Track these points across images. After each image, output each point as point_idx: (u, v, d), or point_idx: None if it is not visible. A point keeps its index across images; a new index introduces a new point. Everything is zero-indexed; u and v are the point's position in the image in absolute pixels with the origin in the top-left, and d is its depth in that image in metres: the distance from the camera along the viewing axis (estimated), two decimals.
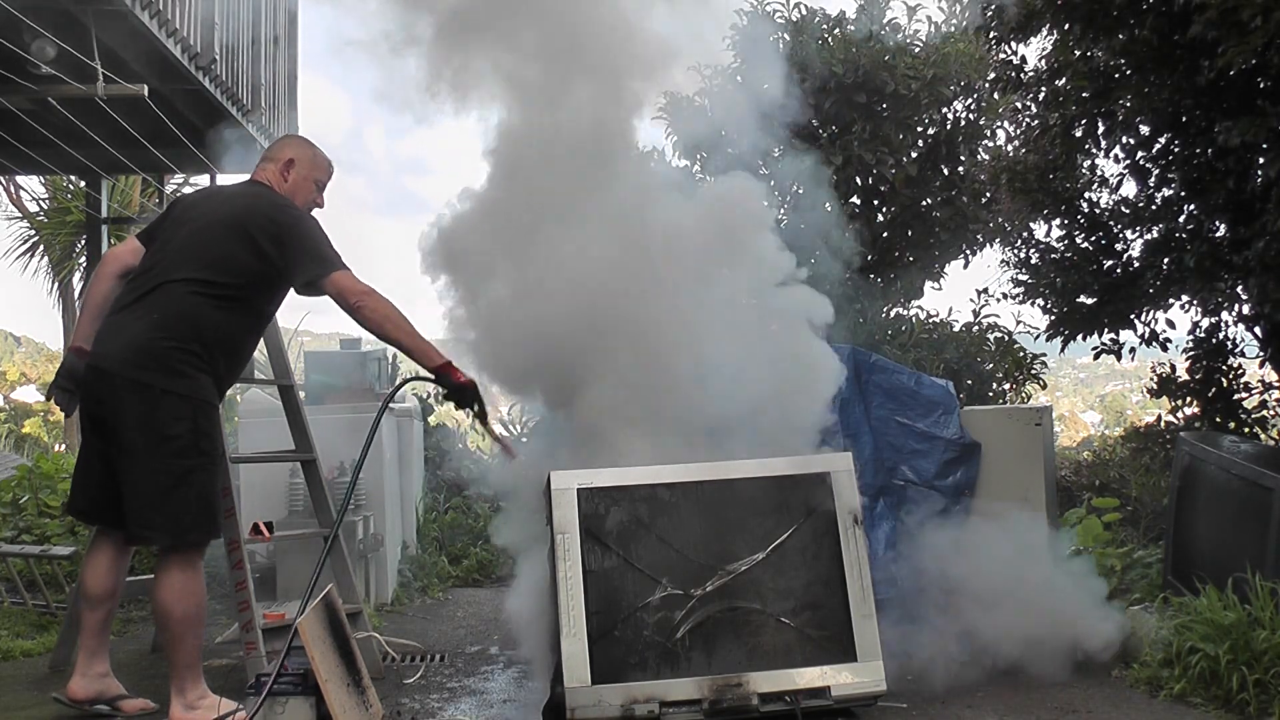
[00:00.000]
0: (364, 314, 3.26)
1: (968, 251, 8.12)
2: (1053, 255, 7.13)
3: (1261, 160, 5.17)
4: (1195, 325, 6.71)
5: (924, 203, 7.81)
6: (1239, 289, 6.02)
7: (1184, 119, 5.80)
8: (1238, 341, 6.56)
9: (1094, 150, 6.58)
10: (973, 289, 8.07)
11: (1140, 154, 6.33)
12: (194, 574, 3.23)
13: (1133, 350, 6.95)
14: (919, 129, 7.72)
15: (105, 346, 3.23)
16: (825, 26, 7.63)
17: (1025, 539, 4.12)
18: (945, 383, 4.82)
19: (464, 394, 3.35)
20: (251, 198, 3.46)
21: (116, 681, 3.40)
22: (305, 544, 4.79)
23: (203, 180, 10.55)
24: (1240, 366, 6.57)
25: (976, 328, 7.91)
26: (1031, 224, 7.28)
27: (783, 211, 6.62)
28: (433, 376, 3.37)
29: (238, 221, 3.31)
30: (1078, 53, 6.12)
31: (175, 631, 3.20)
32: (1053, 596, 3.91)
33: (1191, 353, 6.68)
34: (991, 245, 8.03)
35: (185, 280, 3.23)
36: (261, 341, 4.05)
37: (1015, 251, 7.57)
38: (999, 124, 7.80)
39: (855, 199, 7.74)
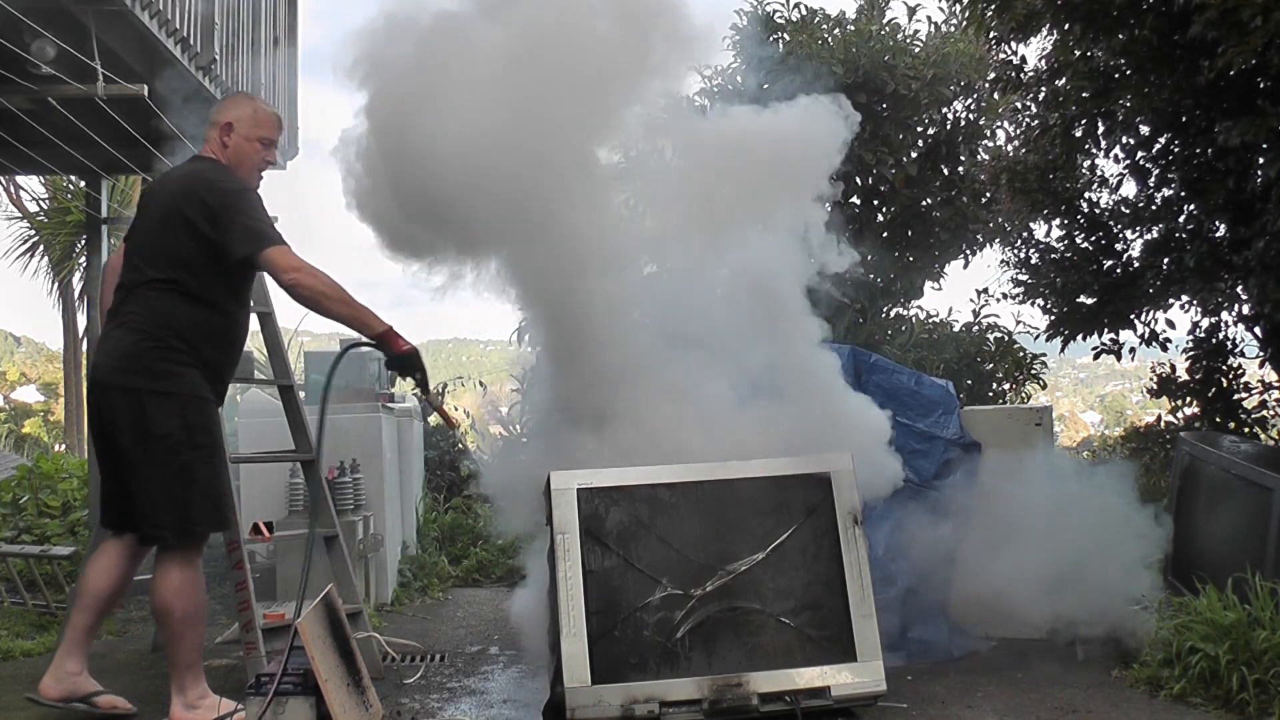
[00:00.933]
0: (298, 291, 3.19)
1: (968, 251, 8.13)
2: (1053, 255, 7.14)
3: (1261, 160, 5.18)
4: (1195, 325, 6.73)
5: (924, 203, 7.81)
6: (1239, 289, 6.03)
7: (1184, 119, 5.81)
8: (1238, 341, 6.58)
9: (1094, 150, 6.59)
10: (973, 289, 8.08)
11: (1140, 154, 6.34)
12: (193, 572, 3.24)
13: (1133, 350, 6.96)
14: (919, 129, 7.73)
15: (97, 358, 3.29)
16: (825, 26, 7.64)
17: None
18: (945, 383, 4.82)
19: (405, 362, 3.28)
20: (186, 182, 3.37)
21: (89, 679, 3.35)
22: (305, 544, 4.78)
23: None
24: (1240, 366, 6.58)
25: (976, 328, 7.91)
26: (1031, 224, 7.29)
27: None
28: (374, 343, 3.32)
29: (177, 212, 3.25)
30: (1078, 53, 6.12)
31: (175, 630, 3.20)
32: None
33: (1191, 353, 6.70)
34: (991, 245, 8.04)
35: (152, 281, 3.23)
36: (262, 342, 4.04)
37: (1015, 251, 7.58)
38: (999, 124, 7.81)
39: (855, 199, 7.74)
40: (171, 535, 3.20)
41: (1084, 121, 6.32)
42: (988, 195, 7.60)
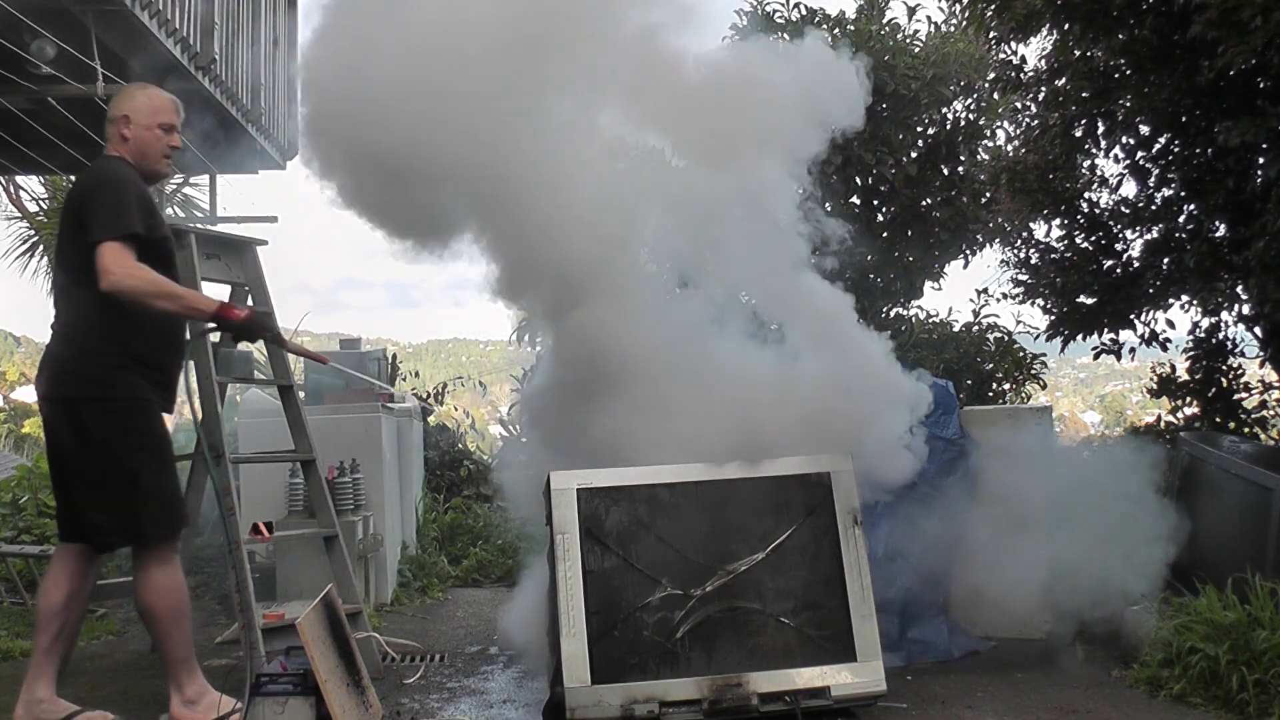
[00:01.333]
0: (117, 294, 3.07)
1: (968, 251, 8.10)
2: (1053, 255, 7.13)
3: (1261, 160, 5.18)
4: (1195, 325, 6.72)
5: (924, 203, 7.79)
6: (1239, 289, 6.03)
7: (1184, 119, 5.80)
8: (1238, 341, 6.57)
9: (1094, 150, 6.59)
10: (973, 289, 8.05)
11: (1140, 154, 6.34)
12: (171, 569, 3.22)
13: (1133, 350, 6.95)
14: (919, 129, 7.71)
15: (38, 376, 3.27)
16: (825, 26, 7.63)
17: None
18: (945, 383, 4.81)
19: (249, 328, 3.28)
20: (81, 182, 3.38)
21: (61, 702, 3.24)
22: (305, 544, 4.79)
23: (202, 180, 10.57)
24: (1240, 366, 6.58)
25: (976, 328, 7.90)
26: (1031, 224, 7.28)
27: None
28: (214, 326, 3.32)
29: (75, 216, 3.23)
30: (1078, 53, 6.12)
31: (162, 628, 3.20)
32: None
33: (1191, 353, 6.69)
34: (991, 245, 8.02)
35: (70, 287, 3.21)
36: (261, 342, 4.03)
37: (1015, 251, 7.57)
38: (999, 124, 7.79)
39: (855, 199, 7.74)
40: (120, 540, 3.19)
41: (1084, 121, 6.31)
42: (988, 195, 7.59)
